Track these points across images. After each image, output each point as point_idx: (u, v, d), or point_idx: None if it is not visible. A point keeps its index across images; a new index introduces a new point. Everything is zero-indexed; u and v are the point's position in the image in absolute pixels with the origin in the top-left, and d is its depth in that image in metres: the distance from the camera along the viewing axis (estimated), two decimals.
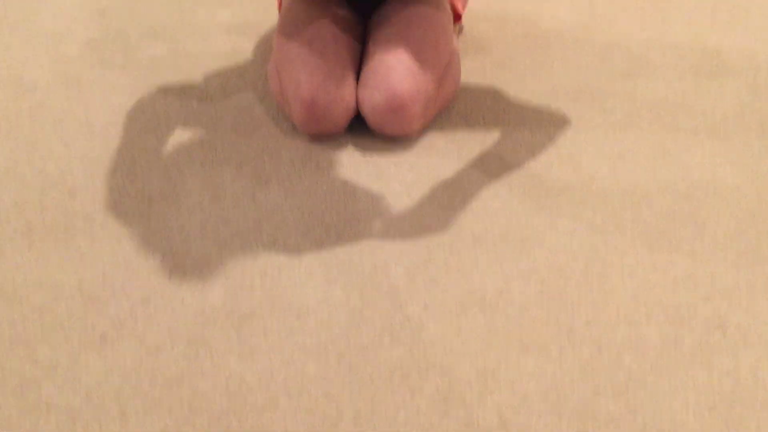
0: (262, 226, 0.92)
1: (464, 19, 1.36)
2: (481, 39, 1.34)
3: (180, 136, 1.10)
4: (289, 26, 1.11)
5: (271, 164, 1.03)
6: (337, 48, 1.06)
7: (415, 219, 0.93)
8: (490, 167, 1.01)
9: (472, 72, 1.23)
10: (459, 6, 1.25)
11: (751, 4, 1.42)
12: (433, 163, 1.02)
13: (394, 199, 0.96)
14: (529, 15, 1.41)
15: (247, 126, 1.12)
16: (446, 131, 1.09)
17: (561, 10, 1.43)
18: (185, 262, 0.86)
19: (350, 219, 0.93)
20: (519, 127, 1.09)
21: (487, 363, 0.75)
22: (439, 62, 1.06)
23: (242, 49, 1.34)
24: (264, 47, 1.34)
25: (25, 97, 1.20)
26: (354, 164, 1.03)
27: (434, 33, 1.08)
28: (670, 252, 0.86)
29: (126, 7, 1.49)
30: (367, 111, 1.03)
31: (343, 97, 1.02)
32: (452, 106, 1.14)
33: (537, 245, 0.88)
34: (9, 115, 1.15)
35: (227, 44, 1.36)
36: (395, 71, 1.01)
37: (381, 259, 0.87)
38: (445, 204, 0.95)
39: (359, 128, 1.07)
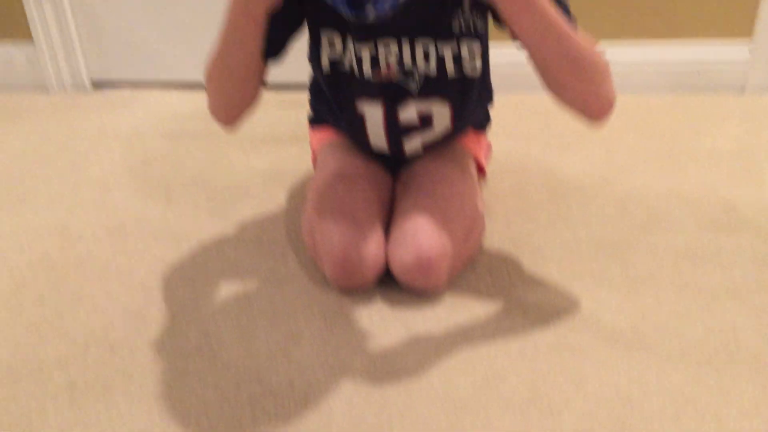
0: (295, 384, 0.95)
1: (487, 170, 1.43)
2: (503, 189, 1.41)
3: (217, 286, 1.15)
4: (323, 184, 1.18)
5: (303, 318, 1.07)
6: (367, 206, 1.13)
7: (443, 378, 0.95)
8: (515, 325, 1.04)
9: (496, 223, 1.28)
10: (483, 161, 1.32)
11: (764, 157, 1.48)
12: (459, 318, 1.05)
13: (422, 357, 0.98)
14: (549, 165, 1.48)
15: (281, 277, 1.17)
16: (472, 285, 1.12)
17: (580, 160, 1.50)
18: (218, 425, 0.89)
19: (379, 378, 0.95)
20: (542, 282, 1.13)
21: None
22: (464, 221, 1.12)
23: (277, 197, 1.42)
24: (298, 196, 1.41)
25: (72, 247, 1.27)
26: (383, 319, 1.06)
27: (460, 192, 1.14)
28: (696, 418, 0.87)
29: (169, 157, 1.59)
30: (396, 269, 1.07)
31: (373, 256, 1.07)
32: (477, 258, 1.18)
33: (564, 408, 0.89)
34: (56, 265, 1.22)
35: (263, 192, 1.44)
36: (423, 232, 1.06)
37: (408, 422, 0.88)
38: (471, 362, 0.97)
39: (388, 282, 1.11)
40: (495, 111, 1.36)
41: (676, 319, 1.03)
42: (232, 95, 1.07)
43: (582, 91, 0.97)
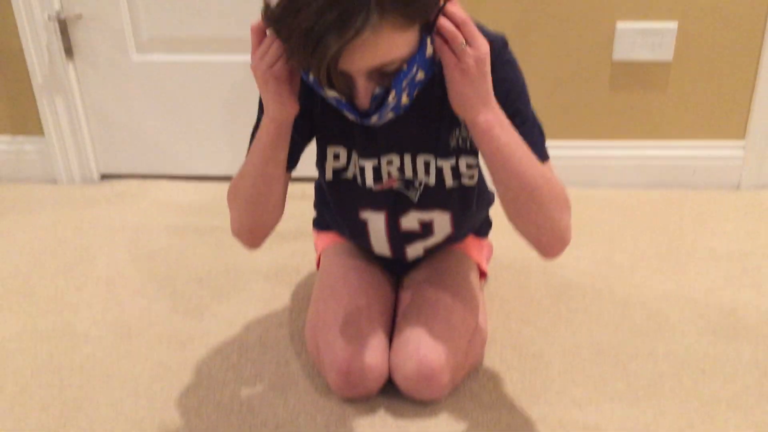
0: None
1: (489, 268, 1.45)
2: (504, 289, 1.42)
3: (221, 394, 1.15)
4: (327, 290, 1.20)
5: (306, 428, 1.07)
6: (370, 315, 1.14)
7: None
8: None
9: (498, 327, 1.29)
10: (485, 265, 1.34)
11: (761, 259, 1.50)
12: (461, 429, 1.06)
13: None
14: (550, 264, 1.50)
15: (284, 383, 1.17)
16: (474, 394, 1.13)
17: (580, 258, 1.52)
18: None
19: None
20: (544, 392, 1.13)
21: None
22: (466, 330, 1.13)
23: (281, 296, 1.43)
24: (302, 295, 1.43)
25: (77, 349, 1.27)
26: (386, 429, 1.06)
27: (462, 302, 1.16)
28: None
29: (174, 252, 1.61)
30: (398, 379, 1.08)
31: (376, 367, 1.08)
32: (480, 366, 1.19)
33: None
34: (61, 369, 1.22)
35: (266, 291, 1.45)
36: (425, 342, 1.07)
37: None
38: None
39: (391, 390, 1.12)
40: (495, 204, 1.37)
41: None
42: (260, 213, 1.06)
43: (535, 224, 0.98)
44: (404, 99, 0.92)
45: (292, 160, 1.07)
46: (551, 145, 1.01)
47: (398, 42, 0.83)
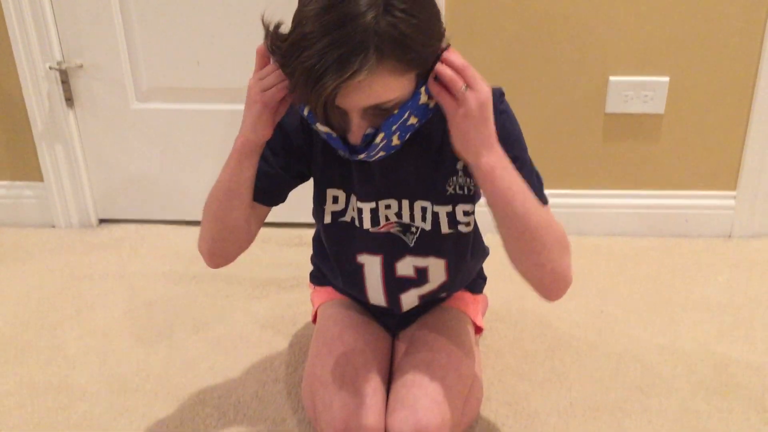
0: None
1: (484, 319, 1.45)
2: (500, 342, 1.43)
3: None
4: (324, 348, 1.20)
5: None
6: (367, 372, 1.15)
7: None
8: None
9: (493, 383, 1.30)
10: (479, 320, 1.35)
11: (754, 314, 1.51)
12: None
13: None
14: (545, 315, 1.51)
15: None
16: None
17: (574, 310, 1.53)
18: None
19: None
20: None
21: None
22: (462, 388, 1.14)
23: (278, 348, 1.44)
24: (298, 347, 1.44)
25: (74, 406, 1.28)
26: None
27: (457, 361, 1.16)
28: None
29: (171, 301, 1.62)
30: None
31: (373, 428, 1.08)
32: (475, 424, 1.20)
33: None
34: (57, 428, 1.22)
35: (263, 342, 1.46)
36: (421, 402, 1.08)
37: None
38: None
39: None
40: (489, 259, 1.39)
41: None
42: (219, 229, 1.09)
43: (537, 266, 1.00)
44: (395, 140, 0.95)
45: (274, 195, 1.11)
46: (546, 194, 1.04)
47: (393, 85, 0.87)
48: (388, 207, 1.12)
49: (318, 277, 1.38)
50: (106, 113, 1.90)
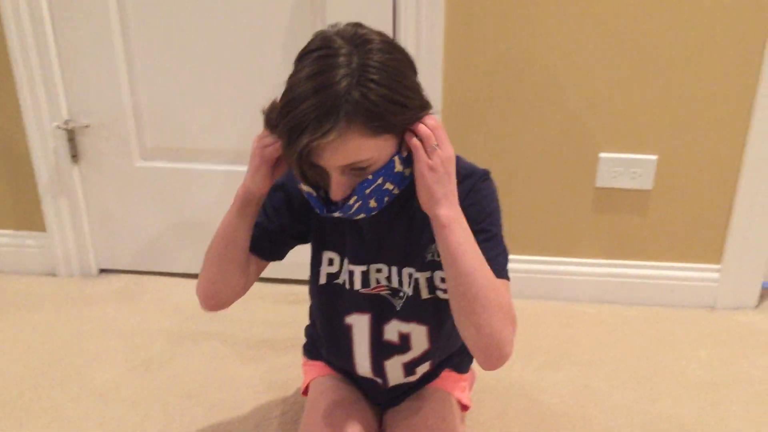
0: None
1: (471, 392, 1.49)
2: (485, 416, 1.47)
3: None
4: (314, 427, 1.25)
5: None
6: None
7: None
8: None
9: None
10: (465, 399, 1.40)
11: (734, 390, 1.55)
12: None
13: None
14: (530, 388, 1.55)
15: None
16: None
17: (559, 383, 1.57)
18: None
19: None
20: None
21: None
22: None
23: (271, 415, 1.48)
24: (290, 413, 1.47)
25: None
26: None
27: None
28: None
29: (168, 361, 1.66)
30: None
31: None
32: None
33: None
34: None
35: (258, 410, 1.50)
36: None
37: None
38: None
39: None
40: None
41: None
42: (214, 273, 1.15)
43: (476, 326, 1.01)
44: (372, 203, 1.03)
45: (271, 250, 1.19)
46: (536, 261, 1.08)
47: (365, 146, 0.95)
48: (379, 271, 1.17)
49: (311, 351, 1.42)
50: (111, 169, 1.95)
